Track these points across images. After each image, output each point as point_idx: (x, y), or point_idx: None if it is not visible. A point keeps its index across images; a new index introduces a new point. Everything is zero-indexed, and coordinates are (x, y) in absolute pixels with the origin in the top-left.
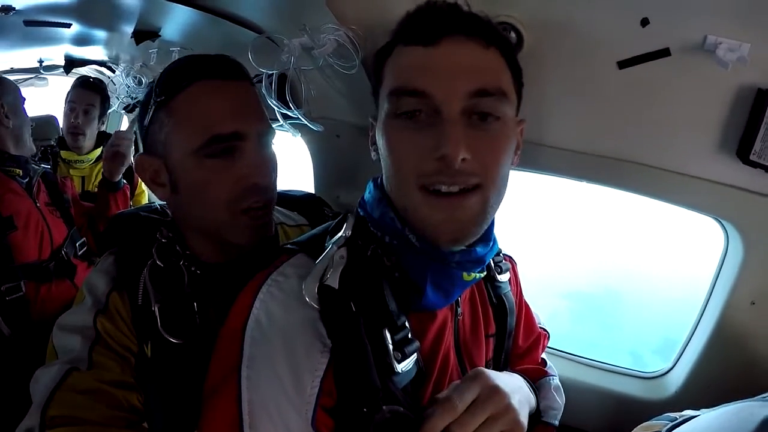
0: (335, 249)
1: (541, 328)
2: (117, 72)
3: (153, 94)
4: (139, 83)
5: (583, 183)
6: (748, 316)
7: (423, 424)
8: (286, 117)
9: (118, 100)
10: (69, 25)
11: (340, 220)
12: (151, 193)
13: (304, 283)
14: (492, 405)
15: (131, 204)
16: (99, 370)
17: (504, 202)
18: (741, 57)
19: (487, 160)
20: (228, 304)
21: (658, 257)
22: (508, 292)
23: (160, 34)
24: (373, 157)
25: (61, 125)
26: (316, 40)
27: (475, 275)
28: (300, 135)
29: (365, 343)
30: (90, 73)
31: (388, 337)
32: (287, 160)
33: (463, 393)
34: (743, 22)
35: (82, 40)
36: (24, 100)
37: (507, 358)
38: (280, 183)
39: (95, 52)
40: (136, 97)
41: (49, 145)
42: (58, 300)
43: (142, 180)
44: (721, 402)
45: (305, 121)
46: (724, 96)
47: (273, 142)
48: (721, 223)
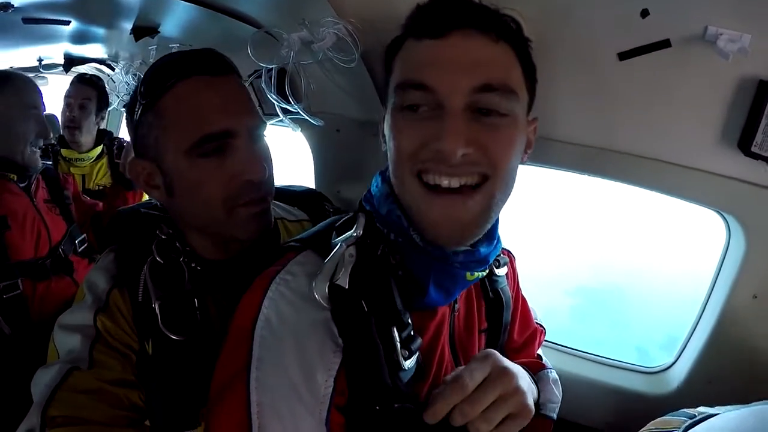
0: (344, 247)
1: (537, 323)
2: (116, 70)
3: (139, 95)
4: (139, 80)
5: (585, 177)
6: (750, 311)
7: (433, 402)
8: (285, 111)
9: (118, 98)
10: (68, 23)
11: (350, 219)
12: None
13: (315, 282)
14: (501, 385)
15: None
16: (100, 369)
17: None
18: (742, 48)
19: (493, 153)
20: (230, 301)
21: (663, 252)
22: (504, 286)
23: (159, 30)
24: (383, 148)
25: (60, 123)
26: (316, 34)
27: (478, 274)
28: (300, 130)
29: (377, 342)
30: (89, 71)
31: (396, 335)
32: (287, 155)
33: (474, 372)
34: (744, 12)
35: (81, 38)
36: (38, 109)
37: (502, 353)
38: (280, 178)
39: (94, 50)
40: None
41: (50, 144)
42: (57, 297)
43: (137, 184)
44: (723, 396)
45: (305, 116)
46: (725, 87)
47: (265, 134)
48: (723, 216)
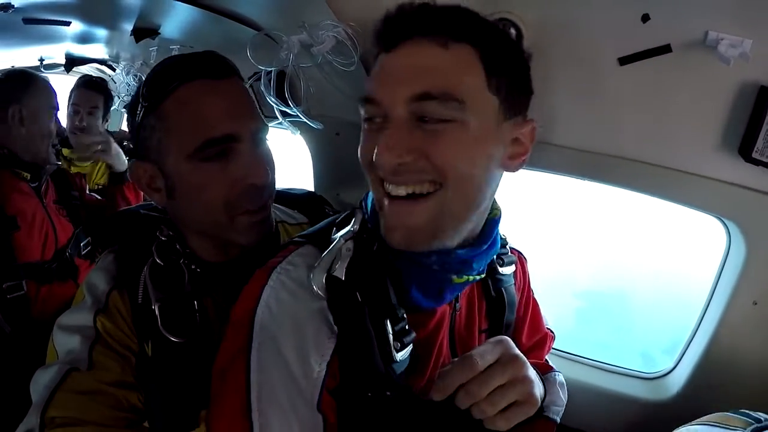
0: (342, 242)
1: (547, 329)
2: (117, 70)
3: (140, 97)
4: (140, 81)
5: (584, 182)
6: (750, 317)
7: (441, 378)
8: (285, 114)
9: (118, 98)
10: (68, 23)
11: (348, 215)
12: None
13: (313, 273)
14: (511, 370)
15: None
16: (99, 370)
17: (510, 201)
18: (743, 53)
19: (436, 160)
20: (229, 303)
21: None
22: (509, 286)
23: (159, 31)
24: None
25: (64, 124)
26: (315, 37)
27: (468, 278)
28: (299, 133)
29: (370, 330)
30: (90, 72)
31: (389, 327)
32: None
33: (485, 353)
34: (745, 18)
35: (83, 38)
36: (57, 110)
37: None
38: (280, 182)
39: (95, 51)
40: None
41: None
42: (59, 299)
43: (138, 187)
44: (722, 403)
45: (304, 119)
46: (725, 93)
47: (267, 138)
48: (723, 222)
